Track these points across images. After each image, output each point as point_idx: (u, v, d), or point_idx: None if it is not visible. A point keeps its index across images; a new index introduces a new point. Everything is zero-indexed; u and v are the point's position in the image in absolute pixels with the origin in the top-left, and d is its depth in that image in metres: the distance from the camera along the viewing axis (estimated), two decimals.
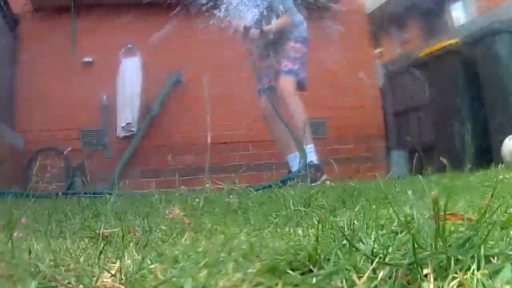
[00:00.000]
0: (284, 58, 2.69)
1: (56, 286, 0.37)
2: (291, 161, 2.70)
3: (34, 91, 3.76)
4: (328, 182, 1.91)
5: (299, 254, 0.36)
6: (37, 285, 0.36)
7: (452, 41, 3.87)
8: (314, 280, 0.30)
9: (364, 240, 0.38)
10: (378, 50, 8.12)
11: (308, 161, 2.44)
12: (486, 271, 0.31)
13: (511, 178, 1.35)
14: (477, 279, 0.29)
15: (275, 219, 0.71)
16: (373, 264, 0.31)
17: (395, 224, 0.48)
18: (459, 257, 0.33)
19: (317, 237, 0.38)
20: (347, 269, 0.31)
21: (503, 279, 0.29)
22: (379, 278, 0.30)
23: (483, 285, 0.28)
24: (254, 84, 3.29)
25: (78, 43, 3.88)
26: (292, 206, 0.72)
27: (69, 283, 0.36)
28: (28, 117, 3.74)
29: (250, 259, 0.38)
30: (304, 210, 0.71)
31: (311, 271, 0.35)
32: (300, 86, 2.68)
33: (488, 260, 0.33)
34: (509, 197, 0.85)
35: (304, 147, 2.48)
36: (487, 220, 0.42)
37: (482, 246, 0.34)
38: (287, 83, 2.63)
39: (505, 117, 3.40)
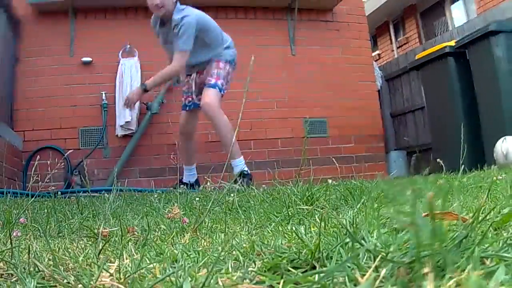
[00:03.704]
0: (209, 75, 2.79)
1: (55, 286, 0.37)
2: (187, 172, 3.00)
3: (33, 90, 3.75)
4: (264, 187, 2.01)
5: (301, 252, 0.37)
6: (36, 284, 0.36)
7: (449, 43, 3.89)
8: (316, 278, 0.31)
9: (366, 238, 0.39)
10: (376, 52, 8.16)
11: (240, 171, 2.65)
12: (481, 272, 0.31)
13: (503, 180, 1.36)
14: (473, 280, 0.30)
15: (277, 217, 0.72)
16: (376, 262, 0.32)
17: (395, 222, 0.49)
18: (455, 258, 0.33)
19: (320, 235, 0.38)
20: (349, 267, 0.32)
21: (498, 281, 0.29)
22: (381, 275, 0.30)
23: (479, 286, 0.29)
24: (254, 83, 3.28)
25: (78, 44, 3.88)
26: (294, 204, 0.72)
27: (68, 282, 0.36)
28: (27, 116, 3.72)
29: (251, 258, 0.39)
30: (306, 208, 0.72)
31: (314, 268, 0.36)
32: None
33: (482, 262, 0.34)
34: (503, 198, 0.86)
35: (235, 161, 2.66)
36: (482, 221, 0.43)
37: (477, 247, 0.35)
38: (210, 95, 2.68)
39: (498, 119, 3.42)
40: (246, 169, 2.74)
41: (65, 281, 0.37)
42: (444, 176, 1.48)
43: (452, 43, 3.86)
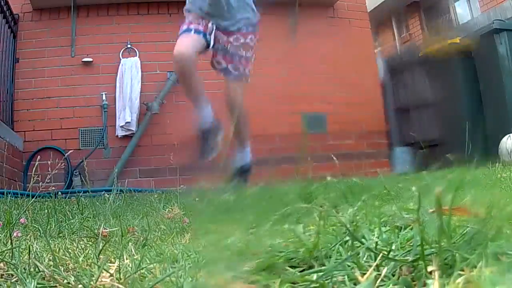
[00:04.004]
0: (237, 56, 2.19)
1: (56, 286, 0.36)
2: (202, 111, 2.25)
3: (33, 91, 3.76)
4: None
5: (299, 251, 0.35)
6: (37, 285, 0.35)
7: (453, 40, 3.87)
8: (314, 277, 0.29)
9: (367, 236, 0.37)
10: (379, 49, 8.12)
11: (242, 164, 2.23)
12: (494, 269, 0.29)
13: (508, 177, 1.35)
14: (485, 277, 0.27)
15: (275, 216, 0.70)
16: (377, 260, 0.30)
17: (398, 220, 0.47)
18: (465, 254, 0.31)
19: (318, 233, 0.36)
20: (349, 266, 0.30)
21: None
22: (382, 274, 0.28)
23: (492, 283, 0.27)
24: (254, 79, 3.20)
25: (78, 43, 3.88)
26: (292, 202, 0.70)
27: (68, 283, 0.35)
28: (28, 116, 3.74)
29: (246, 257, 0.37)
30: (304, 206, 0.70)
31: (312, 267, 0.34)
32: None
33: (495, 258, 0.32)
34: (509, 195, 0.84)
35: (244, 149, 2.27)
36: (496, 217, 0.41)
37: (489, 243, 0.33)
38: (239, 91, 2.20)
39: (502, 116, 3.40)
40: (248, 160, 2.32)
41: (65, 281, 0.36)
42: (453, 172, 1.45)
43: (457, 40, 3.83)
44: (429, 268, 0.30)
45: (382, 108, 4.65)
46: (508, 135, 3.13)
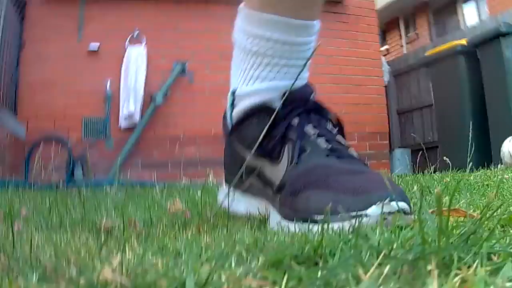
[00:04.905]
0: None
1: (57, 279, 0.37)
2: None
3: (38, 78, 3.75)
4: None
5: (304, 249, 0.37)
6: (38, 277, 0.36)
7: (460, 41, 3.85)
8: (319, 274, 0.30)
9: (369, 235, 0.38)
10: (385, 47, 8.07)
11: None
12: (488, 269, 0.31)
13: (510, 178, 1.36)
14: (480, 277, 0.29)
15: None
16: (379, 259, 0.31)
17: (399, 219, 0.48)
18: (462, 254, 0.33)
19: (322, 231, 0.38)
20: (352, 264, 0.31)
21: (504, 277, 0.29)
22: (384, 273, 0.30)
23: (486, 282, 0.28)
24: None
25: (85, 28, 3.86)
26: None
27: (70, 276, 0.36)
28: (30, 104, 3.73)
29: (254, 253, 0.39)
30: None
31: (317, 265, 0.35)
32: None
33: (489, 258, 0.34)
34: (510, 196, 0.86)
35: None
36: (489, 218, 0.42)
37: (484, 243, 0.34)
38: None
39: (506, 119, 3.40)
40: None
41: (67, 274, 0.37)
42: (451, 174, 1.47)
43: (464, 41, 3.82)
44: (429, 267, 0.31)
45: (385, 109, 4.65)
46: (510, 137, 3.14)
